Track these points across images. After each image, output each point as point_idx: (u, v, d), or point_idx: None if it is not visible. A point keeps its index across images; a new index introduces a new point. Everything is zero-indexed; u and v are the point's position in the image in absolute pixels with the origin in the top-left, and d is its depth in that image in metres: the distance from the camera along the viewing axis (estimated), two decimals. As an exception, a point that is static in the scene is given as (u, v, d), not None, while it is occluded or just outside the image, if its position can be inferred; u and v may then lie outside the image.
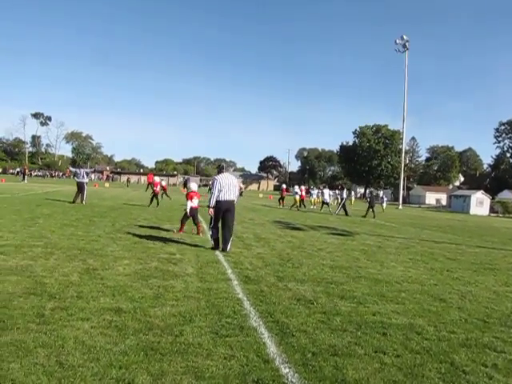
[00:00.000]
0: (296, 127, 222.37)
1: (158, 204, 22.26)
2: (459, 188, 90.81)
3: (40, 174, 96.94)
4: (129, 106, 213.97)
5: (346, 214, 26.82)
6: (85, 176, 20.91)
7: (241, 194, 21.54)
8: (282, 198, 33.16)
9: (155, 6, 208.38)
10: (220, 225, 9.75)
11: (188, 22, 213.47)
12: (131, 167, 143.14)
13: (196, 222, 12.27)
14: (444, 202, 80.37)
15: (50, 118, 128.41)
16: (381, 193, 46.51)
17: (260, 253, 9.68)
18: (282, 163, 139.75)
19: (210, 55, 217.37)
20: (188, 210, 12.02)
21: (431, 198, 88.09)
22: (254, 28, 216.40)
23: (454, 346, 4.62)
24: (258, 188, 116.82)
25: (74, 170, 22.33)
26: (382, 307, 5.90)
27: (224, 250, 9.59)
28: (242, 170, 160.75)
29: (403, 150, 60.46)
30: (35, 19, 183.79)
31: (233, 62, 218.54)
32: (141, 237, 10.77)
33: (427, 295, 6.79)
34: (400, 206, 52.62)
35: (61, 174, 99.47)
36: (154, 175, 27.92)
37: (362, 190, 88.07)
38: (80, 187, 20.59)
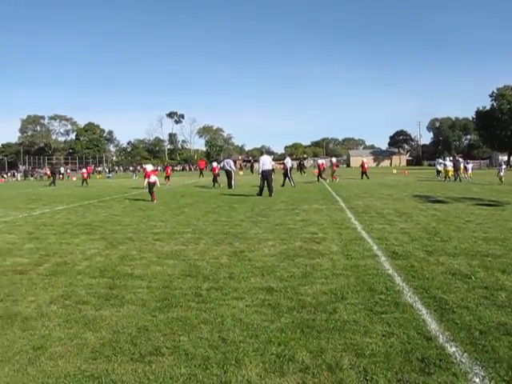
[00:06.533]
0: (425, 97, 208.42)
1: (214, 185, 26.05)
2: None
3: (179, 168, 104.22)
4: (255, 94, 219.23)
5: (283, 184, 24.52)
6: (232, 165, 23.98)
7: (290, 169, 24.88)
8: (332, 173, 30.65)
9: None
10: (266, 183, 18.09)
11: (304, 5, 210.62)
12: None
13: (151, 192, 16.84)
14: None
15: (183, 116, 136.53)
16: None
17: (404, 228, 9.24)
18: (413, 136, 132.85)
19: (331, 36, 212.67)
20: (145, 185, 17.72)
21: None
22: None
23: None
24: (390, 164, 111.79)
25: (222, 163, 25.67)
26: (556, 280, 5.23)
27: (270, 195, 17.39)
28: (372, 147, 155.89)
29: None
30: (165, 20, 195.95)
31: (358, 39, 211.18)
32: (281, 219, 10.98)
33: None
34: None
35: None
36: (206, 162, 34.47)
37: (505, 158, 79.07)
38: (228, 175, 23.60)
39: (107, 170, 75.55)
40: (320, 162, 32.26)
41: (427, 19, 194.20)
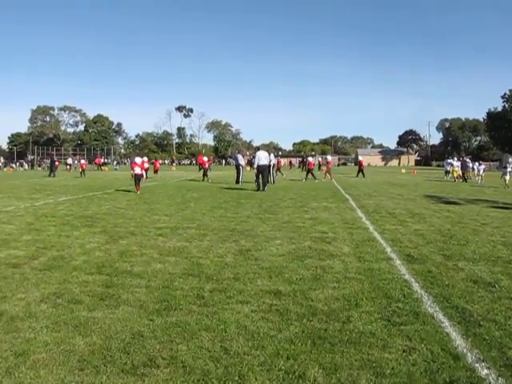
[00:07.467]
0: (436, 97, 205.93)
1: (203, 179, 26.58)
2: None
3: (186, 162, 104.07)
4: (265, 91, 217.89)
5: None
6: (241, 160, 24.25)
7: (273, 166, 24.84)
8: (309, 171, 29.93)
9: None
10: (260, 178, 18.82)
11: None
12: (269, 150, 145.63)
13: (136, 184, 17.55)
14: None
15: (191, 110, 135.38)
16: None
17: (417, 229, 8.83)
18: (422, 136, 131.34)
19: (343, 34, 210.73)
20: (132, 176, 18.03)
21: None
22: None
23: None
24: (399, 164, 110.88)
25: (232, 157, 26.61)
26: None
27: (263, 190, 18.31)
28: (380, 146, 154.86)
29: None
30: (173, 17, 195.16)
31: (369, 38, 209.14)
32: (289, 216, 10.58)
33: None
34: None
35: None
36: (203, 156, 34.66)
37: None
38: (237, 169, 23.71)
39: (114, 163, 75.39)
40: (310, 159, 32.24)
41: (439, 19, 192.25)
